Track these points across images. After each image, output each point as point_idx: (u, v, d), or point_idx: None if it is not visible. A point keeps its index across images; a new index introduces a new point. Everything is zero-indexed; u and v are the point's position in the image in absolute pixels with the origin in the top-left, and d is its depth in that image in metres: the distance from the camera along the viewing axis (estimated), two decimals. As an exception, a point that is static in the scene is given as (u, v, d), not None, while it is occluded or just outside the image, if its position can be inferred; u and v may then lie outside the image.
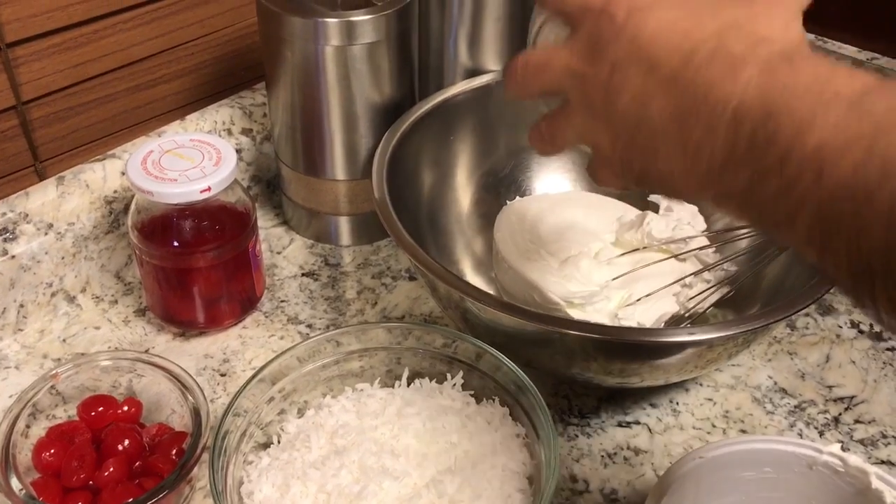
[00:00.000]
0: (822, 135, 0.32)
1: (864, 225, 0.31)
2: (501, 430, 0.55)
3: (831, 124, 0.32)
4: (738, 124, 0.35)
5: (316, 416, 0.56)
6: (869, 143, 0.31)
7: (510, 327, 0.57)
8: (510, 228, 0.69)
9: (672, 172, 0.39)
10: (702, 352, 0.58)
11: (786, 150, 0.33)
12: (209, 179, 0.61)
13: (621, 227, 0.68)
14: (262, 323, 0.70)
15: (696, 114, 0.36)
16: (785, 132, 0.33)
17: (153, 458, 0.55)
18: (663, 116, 0.37)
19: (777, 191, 0.34)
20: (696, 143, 0.37)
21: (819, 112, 0.33)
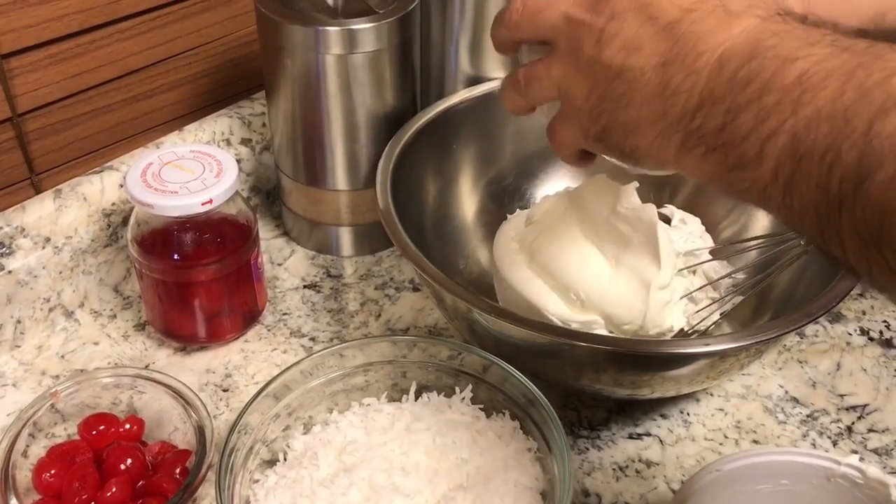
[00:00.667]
0: (804, 66, 0.33)
1: (838, 149, 0.32)
2: (512, 444, 0.54)
3: (814, 58, 0.33)
4: (721, 66, 0.36)
5: (323, 433, 0.55)
6: (849, 72, 0.32)
7: (519, 339, 0.56)
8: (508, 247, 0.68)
9: (640, 121, 0.40)
10: (714, 363, 0.57)
11: (766, 83, 0.34)
12: (211, 191, 0.60)
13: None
14: (265, 336, 0.69)
15: (682, 60, 0.37)
16: (767, 69, 0.34)
17: (157, 478, 0.53)
18: (648, 64, 0.39)
19: (751, 126, 0.35)
20: (675, 86, 0.38)
21: (803, 49, 0.34)
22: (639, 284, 0.60)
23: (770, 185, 0.35)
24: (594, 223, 0.63)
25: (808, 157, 0.33)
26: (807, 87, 0.33)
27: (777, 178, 0.34)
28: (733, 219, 0.70)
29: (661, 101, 0.38)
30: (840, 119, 0.32)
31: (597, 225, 0.63)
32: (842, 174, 0.32)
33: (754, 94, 0.35)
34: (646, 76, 0.39)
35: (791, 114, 0.33)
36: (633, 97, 0.40)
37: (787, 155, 0.34)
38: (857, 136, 0.31)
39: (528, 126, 0.74)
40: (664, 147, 0.39)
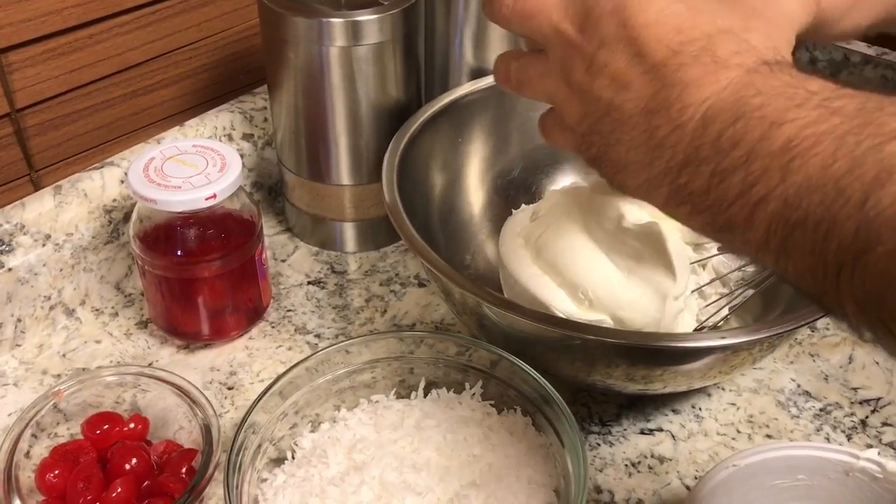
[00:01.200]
0: (791, 131, 0.32)
1: (833, 219, 0.31)
2: (525, 440, 0.53)
3: (801, 122, 0.32)
4: (706, 126, 0.35)
5: (331, 431, 0.54)
6: (839, 138, 0.31)
7: (529, 333, 0.55)
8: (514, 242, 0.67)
9: (628, 165, 0.39)
10: (727, 357, 0.56)
11: (752, 148, 0.33)
12: (214, 186, 0.59)
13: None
14: (269, 333, 0.68)
15: (668, 110, 0.36)
16: (753, 131, 0.33)
17: (163, 478, 0.52)
18: (635, 107, 0.37)
19: (738, 191, 0.34)
20: (660, 139, 0.37)
21: (791, 110, 0.33)
22: (653, 294, 0.59)
23: (762, 248, 0.34)
24: (602, 229, 0.62)
25: (801, 226, 0.32)
26: (795, 153, 0.32)
27: (769, 243, 0.33)
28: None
29: (647, 150, 0.37)
30: (832, 188, 0.31)
31: (604, 232, 0.62)
32: (838, 244, 0.31)
33: (740, 160, 0.34)
34: (633, 120, 0.38)
35: (780, 181, 0.32)
36: (621, 138, 0.38)
37: (778, 222, 0.33)
38: (852, 208, 0.30)
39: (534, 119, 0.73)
40: (651, 196, 0.39)
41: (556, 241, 0.63)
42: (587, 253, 0.62)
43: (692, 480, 0.58)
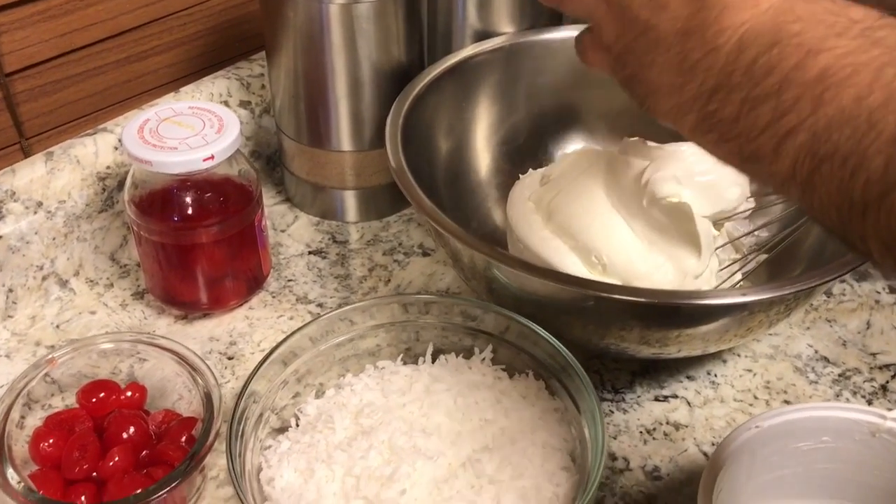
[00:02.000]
0: (828, 60, 0.31)
1: (863, 153, 0.30)
2: (538, 404, 0.51)
3: (839, 51, 0.31)
4: (741, 51, 0.34)
5: (337, 396, 0.52)
6: (876, 71, 0.30)
7: (542, 295, 0.54)
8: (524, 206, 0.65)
9: (659, 87, 0.38)
10: (743, 319, 0.54)
11: (786, 76, 0.32)
12: (212, 147, 0.57)
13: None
14: (270, 303, 0.66)
15: (703, 32, 0.35)
16: (789, 59, 0.32)
17: (162, 446, 0.50)
18: (671, 28, 0.36)
19: (767, 121, 0.33)
20: (693, 62, 0.36)
21: (829, 39, 0.32)
22: (672, 268, 0.57)
23: (788, 181, 0.33)
24: (625, 196, 0.60)
25: (829, 160, 0.31)
26: (830, 84, 0.31)
27: (795, 175, 0.32)
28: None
29: (679, 73, 0.36)
30: (864, 121, 0.30)
31: (627, 199, 0.60)
32: (866, 180, 0.30)
33: (773, 88, 0.32)
34: (668, 41, 0.37)
35: (812, 112, 0.31)
36: (655, 59, 0.38)
37: (805, 154, 0.32)
38: (883, 143, 0.29)
39: (541, 84, 0.71)
40: (680, 121, 0.38)
41: (569, 204, 0.61)
42: (605, 218, 0.60)
43: (710, 447, 0.56)
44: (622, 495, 0.53)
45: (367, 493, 0.45)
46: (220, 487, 0.53)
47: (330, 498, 0.45)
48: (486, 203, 0.69)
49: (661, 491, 0.53)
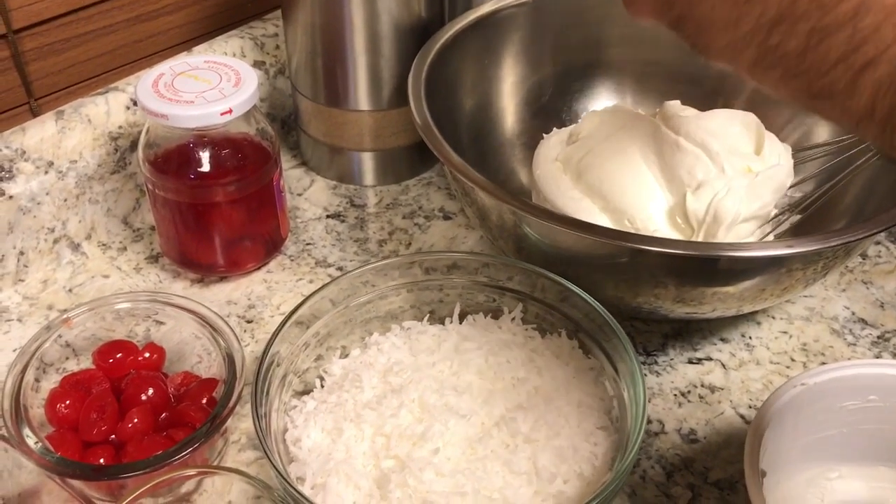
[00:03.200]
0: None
1: None
2: (572, 364, 0.49)
3: None
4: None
5: (363, 356, 0.50)
6: None
7: (575, 253, 0.52)
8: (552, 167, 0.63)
9: (712, 24, 0.35)
10: (780, 276, 0.52)
11: (862, 0, 0.29)
12: (230, 101, 0.55)
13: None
14: (288, 267, 0.64)
15: None
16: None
17: (182, 407, 0.48)
18: None
19: (841, 53, 0.30)
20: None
21: None
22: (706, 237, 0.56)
23: (865, 118, 0.30)
24: (659, 157, 0.58)
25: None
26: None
27: (873, 112, 0.30)
28: (795, 125, 0.64)
29: (734, 6, 0.33)
30: None
31: (666, 165, 0.58)
32: None
33: (847, 15, 0.29)
34: None
35: (894, 40, 0.28)
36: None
37: (887, 88, 0.29)
38: None
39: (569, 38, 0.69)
40: (737, 59, 0.35)
41: (602, 164, 0.59)
42: (639, 180, 0.58)
43: (747, 409, 0.54)
44: (658, 458, 0.51)
45: (398, 452, 0.43)
46: (241, 451, 0.51)
47: (360, 458, 0.44)
48: (511, 163, 0.67)
49: (697, 454, 0.52)
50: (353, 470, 0.43)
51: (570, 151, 0.61)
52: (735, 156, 0.58)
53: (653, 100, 0.69)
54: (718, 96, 0.67)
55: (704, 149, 0.57)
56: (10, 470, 0.48)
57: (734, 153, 0.59)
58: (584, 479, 0.43)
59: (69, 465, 0.44)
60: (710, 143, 0.57)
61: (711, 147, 0.57)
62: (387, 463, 0.43)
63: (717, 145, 0.57)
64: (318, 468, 0.43)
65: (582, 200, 0.59)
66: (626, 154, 0.59)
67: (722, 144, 0.57)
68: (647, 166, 0.59)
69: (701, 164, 0.57)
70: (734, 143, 0.59)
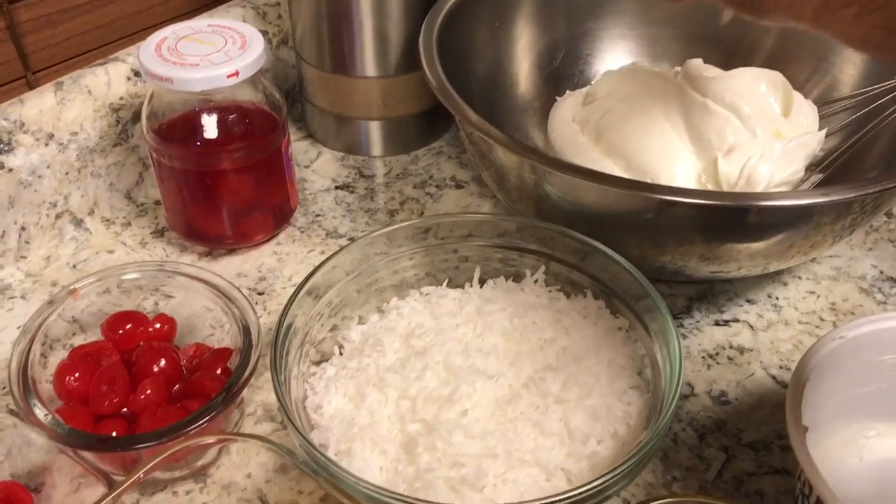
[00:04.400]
0: None
1: None
2: (600, 323, 0.47)
3: None
4: None
5: (383, 321, 0.49)
6: None
7: (598, 210, 0.50)
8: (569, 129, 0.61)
9: None
10: (808, 232, 0.50)
11: None
12: (236, 63, 0.53)
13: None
14: (298, 238, 0.62)
15: None
16: None
17: (197, 377, 0.47)
18: None
19: None
20: None
21: None
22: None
23: None
24: (684, 116, 0.57)
25: None
26: None
27: None
28: (816, 81, 0.63)
29: None
30: None
31: (686, 119, 0.57)
32: None
33: None
34: None
35: None
36: None
37: None
38: None
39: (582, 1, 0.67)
40: (799, 6, 0.32)
41: (623, 123, 0.57)
42: (663, 139, 0.56)
43: (777, 370, 0.52)
44: (689, 421, 0.49)
45: (424, 415, 0.42)
46: (258, 423, 0.49)
47: (384, 422, 0.42)
48: (525, 128, 0.65)
49: (729, 416, 0.50)
50: (378, 435, 0.41)
51: (587, 112, 0.60)
52: (764, 118, 0.57)
53: (667, 63, 0.67)
54: (735, 57, 0.65)
55: (735, 111, 0.55)
56: (20, 447, 0.46)
57: (763, 115, 0.57)
58: (618, 440, 0.41)
59: (81, 437, 0.42)
60: (739, 105, 0.55)
61: (742, 110, 0.55)
62: (413, 426, 0.41)
63: (748, 107, 0.55)
64: (342, 434, 0.41)
65: (602, 161, 0.57)
66: (649, 113, 0.57)
67: (752, 106, 0.56)
68: (671, 127, 0.57)
69: (731, 126, 0.55)
70: (762, 104, 0.58)
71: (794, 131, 0.58)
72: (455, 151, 0.70)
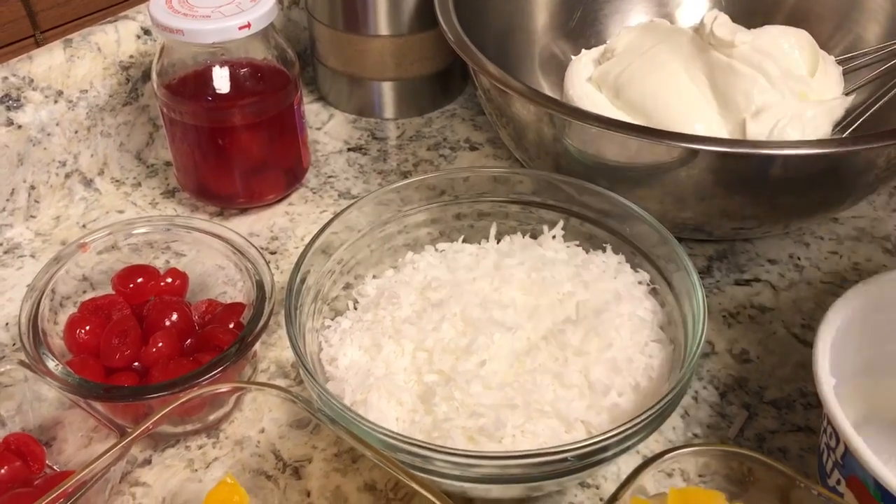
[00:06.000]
0: None
1: None
2: (620, 277, 0.46)
3: None
4: None
5: (398, 275, 0.48)
6: None
7: (617, 165, 0.49)
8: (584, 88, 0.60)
9: None
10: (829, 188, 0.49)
11: None
12: (248, 14, 0.52)
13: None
14: (310, 199, 0.61)
15: None
16: None
17: (210, 329, 0.46)
18: None
19: None
20: None
21: None
22: None
23: None
24: (707, 67, 0.55)
25: None
26: None
27: None
28: (840, 37, 0.61)
29: None
30: None
31: (714, 80, 0.55)
32: None
33: None
34: None
35: None
36: None
37: None
38: None
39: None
40: None
41: (643, 79, 0.56)
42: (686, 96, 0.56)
43: (800, 329, 0.51)
44: (710, 379, 0.49)
45: (441, 366, 0.41)
46: (271, 379, 0.49)
47: (401, 374, 0.41)
48: (541, 89, 0.64)
49: (751, 374, 0.49)
50: (395, 385, 0.40)
51: (605, 68, 0.59)
52: (791, 79, 0.56)
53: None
54: (755, 15, 0.64)
55: (762, 71, 0.54)
56: (31, 402, 0.45)
57: (789, 76, 0.56)
58: (639, 392, 0.41)
59: (91, 387, 0.41)
60: (767, 65, 0.54)
61: (770, 70, 0.54)
62: (430, 377, 0.41)
63: (775, 68, 0.54)
64: (357, 385, 0.40)
65: (622, 118, 0.56)
66: (669, 69, 0.56)
67: (779, 67, 0.54)
68: (694, 84, 0.56)
69: (759, 87, 0.54)
70: (789, 64, 0.56)
71: (820, 92, 0.57)
72: (469, 114, 0.69)
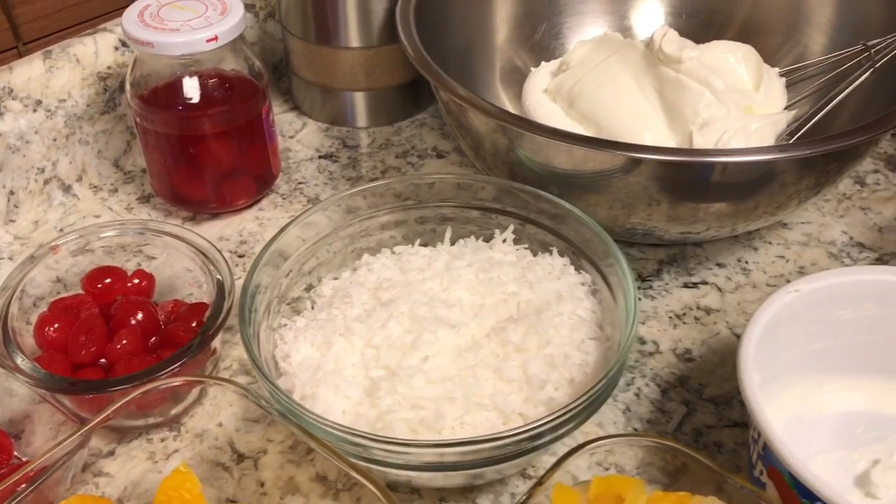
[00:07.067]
0: None
1: None
2: (564, 278, 0.48)
3: None
4: None
5: (354, 276, 0.50)
6: None
7: (568, 173, 0.51)
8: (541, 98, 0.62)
9: None
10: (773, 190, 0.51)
11: None
12: (216, 28, 0.54)
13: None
14: (280, 204, 0.63)
15: None
16: None
17: (172, 327, 0.48)
18: None
19: None
20: None
21: None
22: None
23: None
24: (657, 81, 0.58)
25: None
26: None
27: None
28: (787, 50, 0.64)
29: None
30: None
31: (657, 85, 0.58)
32: None
33: None
34: None
35: None
36: None
37: None
38: None
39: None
40: None
41: (595, 90, 0.58)
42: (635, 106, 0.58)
43: (742, 330, 0.53)
44: (652, 377, 0.51)
45: (387, 362, 0.43)
46: (233, 377, 0.51)
47: (349, 369, 0.43)
48: (501, 102, 0.67)
49: (692, 372, 0.51)
50: (343, 380, 0.42)
51: (560, 80, 0.61)
52: (736, 93, 0.58)
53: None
54: (710, 28, 0.67)
55: (708, 86, 0.56)
56: (1, 397, 0.47)
57: (735, 90, 0.58)
58: (575, 386, 0.43)
59: (56, 381, 0.43)
60: (713, 80, 0.56)
61: (716, 85, 0.56)
62: (376, 372, 0.43)
63: (721, 83, 0.56)
64: (307, 379, 0.43)
65: (574, 128, 0.58)
66: (620, 81, 0.58)
67: (724, 81, 0.57)
68: (643, 96, 0.58)
69: (705, 101, 0.56)
70: (734, 79, 0.59)
71: (765, 105, 0.59)
72: (438, 123, 0.71)
